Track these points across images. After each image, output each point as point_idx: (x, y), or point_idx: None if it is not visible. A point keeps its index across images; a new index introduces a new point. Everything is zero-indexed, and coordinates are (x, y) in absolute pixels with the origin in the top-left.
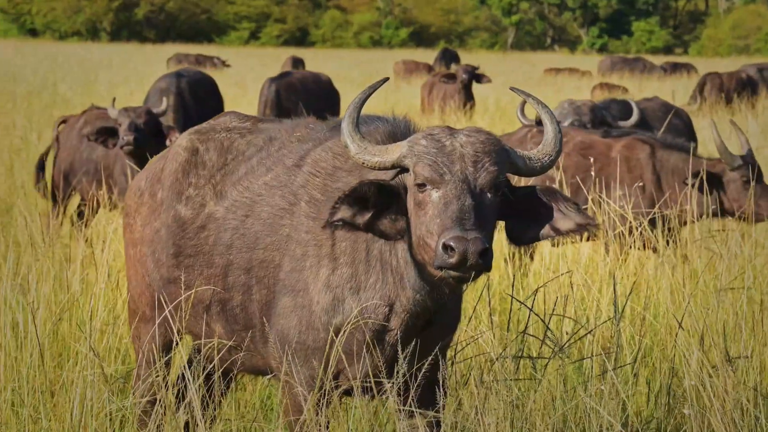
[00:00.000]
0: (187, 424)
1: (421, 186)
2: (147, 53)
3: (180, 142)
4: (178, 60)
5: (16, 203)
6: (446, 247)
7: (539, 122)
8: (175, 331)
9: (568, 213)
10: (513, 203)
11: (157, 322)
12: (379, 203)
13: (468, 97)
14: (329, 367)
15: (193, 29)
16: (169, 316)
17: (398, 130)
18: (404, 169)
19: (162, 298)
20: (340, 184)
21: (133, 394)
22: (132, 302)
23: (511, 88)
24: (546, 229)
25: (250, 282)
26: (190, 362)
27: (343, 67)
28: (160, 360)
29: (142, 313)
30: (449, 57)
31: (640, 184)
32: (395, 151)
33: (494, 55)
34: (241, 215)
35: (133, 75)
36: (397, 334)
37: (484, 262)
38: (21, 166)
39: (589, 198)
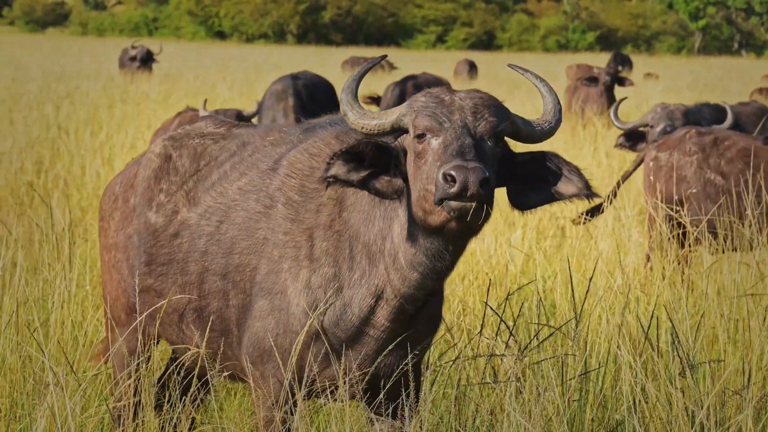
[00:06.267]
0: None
1: (420, 137)
2: (325, 56)
3: (153, 148)
4: (352, 63)
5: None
6: (446, 177)
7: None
8: (145, 341)
9: (571, 178)
10: (516, 168)
11: (125, 333)
12: (376, 164)
13: (610, 101)
14: (309, 368)
15: (380, 33)
16: (141, 325)
17: None
18: (403, 131)
19: (137, 305)
20: (317, 184)
21: (106, 401)
22: (108, 307)
23: (509, 65)
24: (549, 194)
25: (226, 287)
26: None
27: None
28: (133, 366)
29: (118, 318)
30: (621, 61)
31: None
32: (394, 113)
33: (675, 60)
34: (215, 221)
35: None
36: (383, 325)
37: (485, 191)
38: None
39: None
